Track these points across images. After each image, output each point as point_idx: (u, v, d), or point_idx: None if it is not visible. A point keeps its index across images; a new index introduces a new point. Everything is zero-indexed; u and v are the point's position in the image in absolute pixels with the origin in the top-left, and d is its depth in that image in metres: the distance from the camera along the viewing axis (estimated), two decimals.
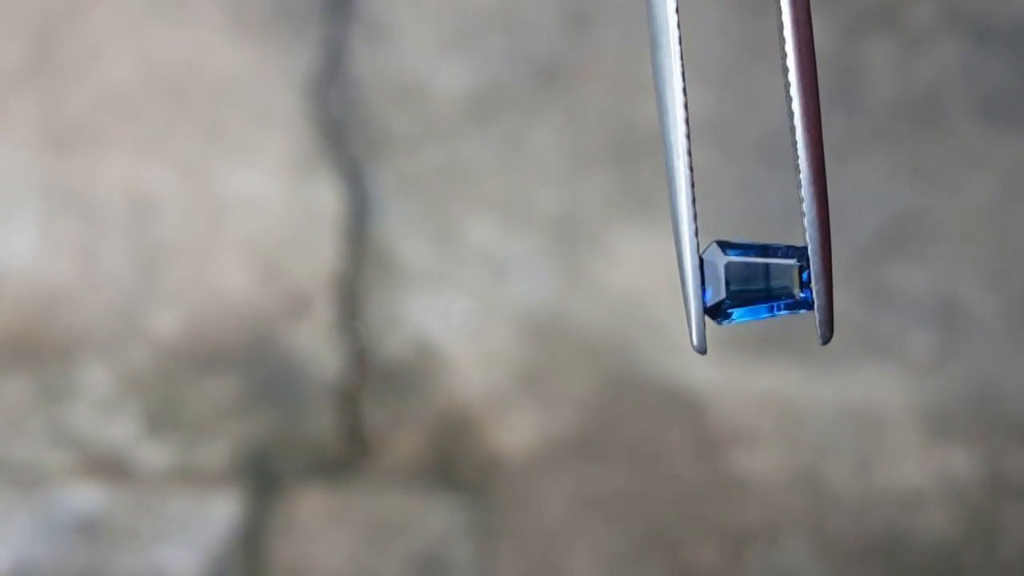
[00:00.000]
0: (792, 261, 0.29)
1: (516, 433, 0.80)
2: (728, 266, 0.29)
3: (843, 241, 0.81)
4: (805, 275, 0.29)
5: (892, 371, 0.79)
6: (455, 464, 0.80)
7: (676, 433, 0.79)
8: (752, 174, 0.79)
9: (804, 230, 0.28)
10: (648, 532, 0.79)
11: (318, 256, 0.81)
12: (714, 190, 0.80)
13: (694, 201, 0.29)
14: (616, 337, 0.79)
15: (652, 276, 0.79)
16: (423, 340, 0.80)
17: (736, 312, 0.29)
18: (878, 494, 0.79)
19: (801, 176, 0.29)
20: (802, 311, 0.29)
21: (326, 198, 0.81)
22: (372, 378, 0.80)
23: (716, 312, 0.29)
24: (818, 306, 0.28)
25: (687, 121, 0.29)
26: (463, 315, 0.80)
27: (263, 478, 0.80)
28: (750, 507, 0.79)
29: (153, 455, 0.80)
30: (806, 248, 0.29)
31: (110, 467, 0.80)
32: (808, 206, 0.29)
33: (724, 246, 0.29)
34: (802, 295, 0.29)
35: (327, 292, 0.81)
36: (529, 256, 0.80)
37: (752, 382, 0.79)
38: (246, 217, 0.81)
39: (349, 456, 0.80)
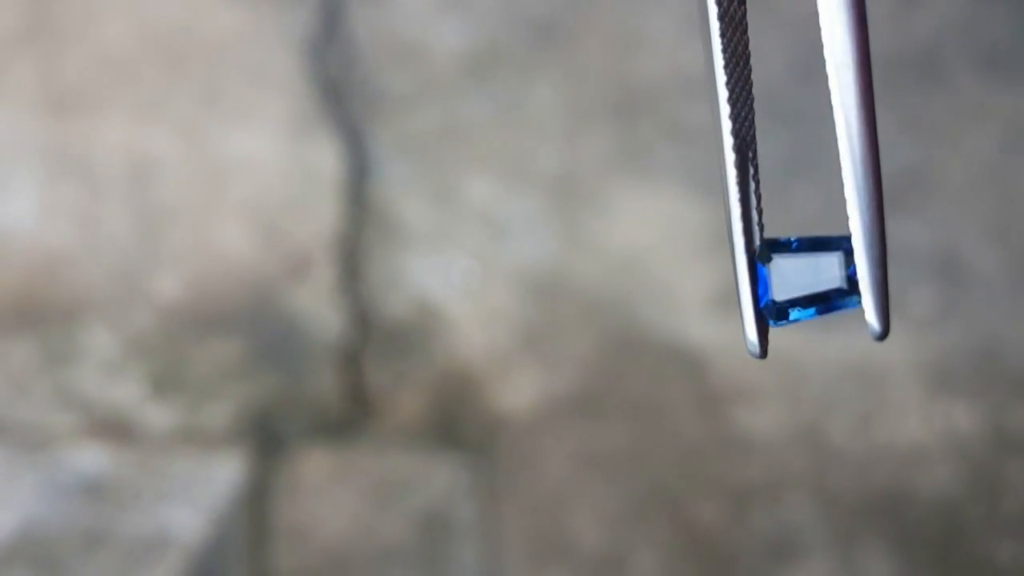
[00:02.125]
0: (838, 256, 0.28)
1: (518, 392, 0.80)
2: (778, 265, 0.28)
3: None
4: (851, 269, 0.27)
5: (894, 327, 0.79)
6: (457, 423, 0.80)
7: (677, 391, 0.79)
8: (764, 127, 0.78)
9: (847, 220, 0.27)
10: (650, 490, 0.79)
11: (318, 217, 0.81)
12: (710, 146, 0.79)
13: (749, 198, 0.27)
14: (616, 295, 0.79)
15: (651, 234, 0.79)
16: (424, 300, 0.80)
17: (791, 312, 0.28)
18: (880, 450, 0.79)
19: (850, 162, 0.26)
20: (854, 306, 0.28)
21: (325, 159, 0.81)
22: (374, 338, 0.80)
23: (771, 314, 0.28)
24: (867, 299, 0.27)
25: (742, 113, 0.27)
26: (464, 275, 0.80)
27: (267, 439, 0.80)
28: (752, 464, 0.79)
29: (157, 417, 0.81)
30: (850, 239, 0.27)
31: (115, 429, 0.80)
32: (858, 196, 0.26)
33: (772, 246, 0.28)
34: (851, 289, 0.28)
35: (328, 253, 0.81)
36: (529, 215, 0.80)
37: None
38: (246, 179, 0.81)
39: (352, 416, 0.80)
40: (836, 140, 0.27)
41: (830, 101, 0.26)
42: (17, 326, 0.81)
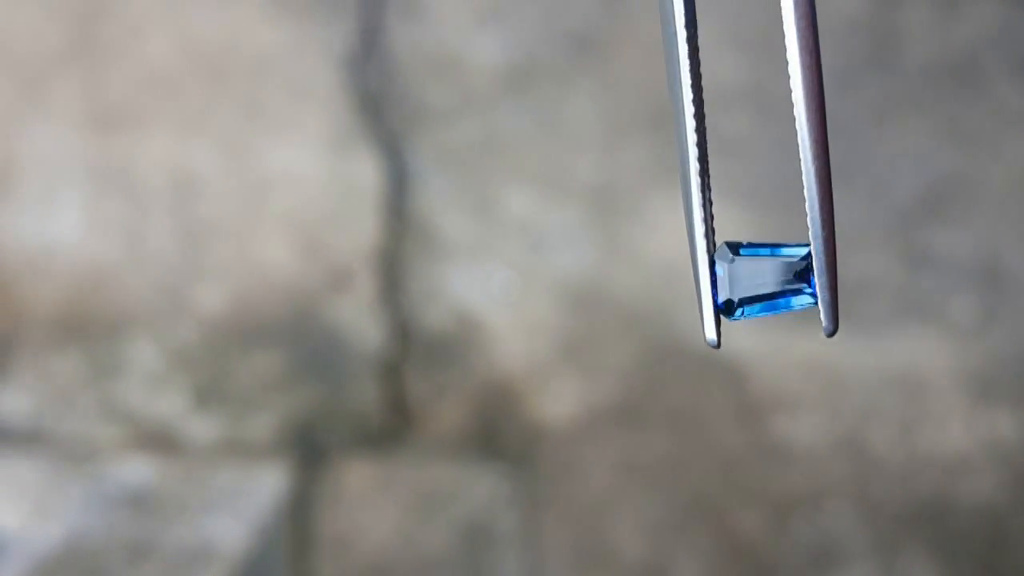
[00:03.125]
0: (797, 258, 0.30)
1: (558, 402, 0.80)
2: (736, 266, 0.31)
3: (883, 204, 0.81)
4: (807, 271, 0.30)
5: (935, 335, 0.79)
6: (499, 434, 0.80)
7: (718, 400, 0.79)
8: (788, 138, 0.78)
9: (808, 227, 0.30)
10: (691, 499, 0.79)
11: (359, 230, 0.82)
12: (750, 155, 0.79)
13: (707, 204, 0.30)
14: (656, 305, 0.79)
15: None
16: (464, 311, 0.81)
17: (746, 309, 0.31)
18: (922, 459, 0.78)
19: (805, 175, 0.29)
20: (807, 305, 0.31)
21: (366, 172, 0.82)
22: (415, 350, 0.81)
23: (727, 310, 0.31)
24: (822, 300, 0.30)
25: (701, 128, 0.30)
26: (503, 286, 0.81)
27: (309, 450, 0.81)
28: (793, 473, 0.79)
29: (201, 429, 0.81)
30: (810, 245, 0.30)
31: (159, 441, 0.81)
32: (811, 204, 0.29)
33: (733, 246, 0.31)
34: (808, 290, 0.30)
35: (369, 265, 0.81)
36: (568, 226, 0.80)
37: (793, 348, 0.79)
38: (287, 192, 0.82)
39: (394, 427, 0.81)
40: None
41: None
42: (63, 339, 0.82)
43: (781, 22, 0.29)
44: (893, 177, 0.80)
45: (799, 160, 0.29)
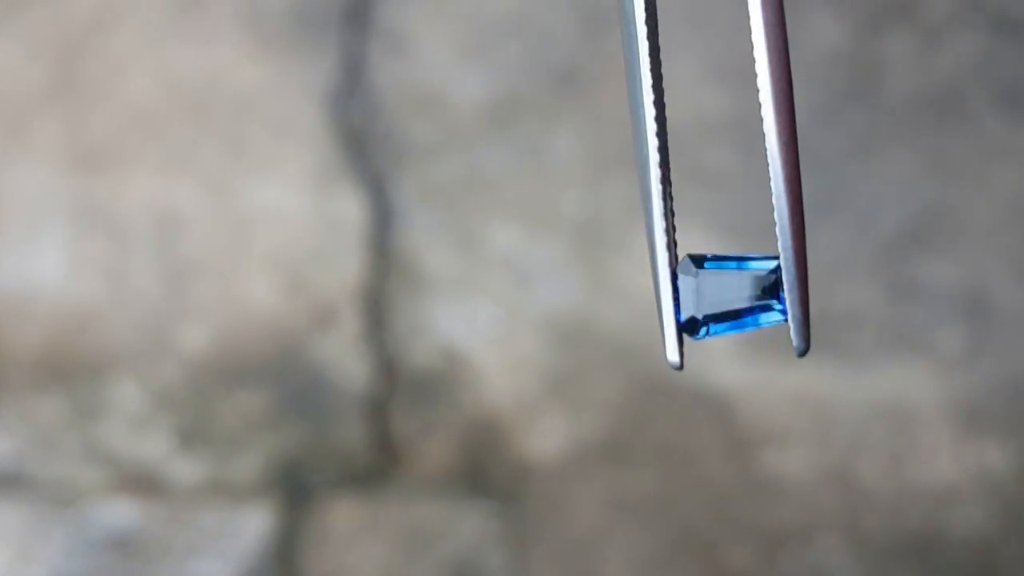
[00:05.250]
0: (765, 272, 0.28)
1: (546, 439, 0.80)
2: (701, 280, 0.29)
3: (868, 236, 0.81)
4: (775, 286, 0.28)
5: (922, 366, 0.79)
6: (486, 471, 0.80)
7: (706, 434, 0.79)
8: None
9: (776, 238, 0.27)
10: (681, 535, 0.78)
11: (343, 267, 0.81)
12: (733, 189, 0.79)
13: (669, 214, 0.28)
14: (642, 339, 0.79)
15: None
16: (450, 348, 0.80)
17: (712, 327, 0.29)
18: (912, 491, 0.78)
19: (773, 183, 0.28)
20: (777, 322, 0.28)
21: (350, 209, 0.81)
22: (400, 387, 0.80)
23: (691, 327, 0.29)
24: (792, 316, 0.28)
25: (661, 132, 0.28)
26: (489, 322, 0.80)
27: (295, 490, 0.80)
28: (783, 507, 0.78)
29: (185, 470, 0.81)
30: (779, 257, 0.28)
31: (143, 483, 0.80)
32: (780, 214, 0.27)
33: (697, 260, 0.29)
34: (778, 306, 0.28)
35: (353, 303, 0.81)
36: (553, 261, 0.80)
37: (781, 381, 0.79)
38: (271, 230, 0.82)
39: (380, 466, 0.80)
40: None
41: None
42: (45, 381, 0.81)
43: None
44: (877, 209, 0.80)
45: (766, 165, 0.27)
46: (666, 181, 0.28)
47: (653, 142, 0.28)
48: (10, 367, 0.82)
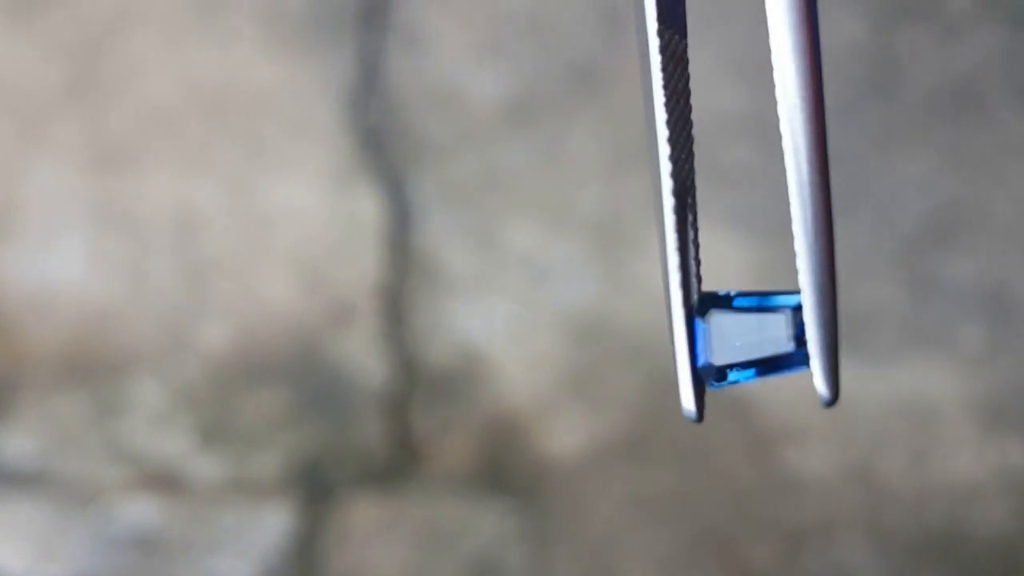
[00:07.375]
0: (785, 315, 0.25)
1: (565, 436, 0.79)
2: (718, 324, 0.25)
3: (889, 232, 0.80)
4: (800, 329, 0.25)
5: (944, 363, 0.78)
6: (505, 469, 0.80)
7: (726, 432, 0.79)
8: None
9: (797, 274, 0.23)
10: (701, 532, 0.78)
11: (362, 265, 0.81)
12: (751, 186, 0.79)
13: (690, 245, 0.24)
14: (661, 337, 0.79)
15: None
16: (469, 346, 0.80)
17: (731, 374, 0.25)
18: (934, 488, 0.78)
19: (798, 223, 0.22)
20: (799, 370, 0.25)
21: (367, 207, 0.81)
22: (419, 385, 0.81)
23: (711, 375, 0.26)
24: (817, 362, 0.24)
25: (679, 157, 0.23)
26: (508, 320, 0.80)
27: (315, 488, 0.80)
28: (804, 504, 0.78)
29: (206, 468, 0.81)
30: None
31: (164, 481, 0.81)
32: (806, 246, 0.22)
33: (713, 300, 0.25)
34: (798, 350, 0.25)
35: (372, 301, 0.81)
36: (571, 259, 0.80)
37: (800, 378, 0.79)
38: (289, 229, 0.82)
39: (399, 464, 0.80)
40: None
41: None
42: (67, 380, 0.82)
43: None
44: (898, 205, 0.79)
45: (789, 194, 0.22)
46: (681, 209, 0.23)
47: (666, 165, 0.23)
48: (31, 366, 0.82)
